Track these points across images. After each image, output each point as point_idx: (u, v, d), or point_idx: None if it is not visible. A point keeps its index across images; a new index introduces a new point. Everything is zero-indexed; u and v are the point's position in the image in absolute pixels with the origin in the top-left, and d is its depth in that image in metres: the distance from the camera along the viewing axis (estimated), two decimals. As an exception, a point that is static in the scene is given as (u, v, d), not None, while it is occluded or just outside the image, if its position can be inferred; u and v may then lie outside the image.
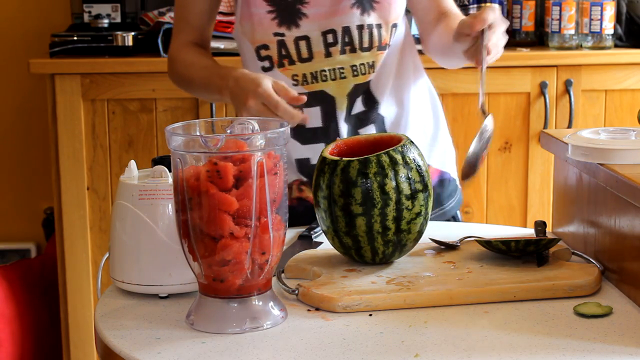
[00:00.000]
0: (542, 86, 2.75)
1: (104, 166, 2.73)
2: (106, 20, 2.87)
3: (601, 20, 2.85)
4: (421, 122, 1.86)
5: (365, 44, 1.76)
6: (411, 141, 1.41)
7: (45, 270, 2.89)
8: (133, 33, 2.77)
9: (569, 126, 2.76)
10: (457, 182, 1.92)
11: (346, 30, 1.75)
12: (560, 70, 2.76)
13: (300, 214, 1.77)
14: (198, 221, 1.20)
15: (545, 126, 2.76)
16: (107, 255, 1.41)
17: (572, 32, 2.88)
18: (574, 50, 2.86)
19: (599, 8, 2.85)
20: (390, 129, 1.82)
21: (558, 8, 2.88)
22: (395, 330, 1.21)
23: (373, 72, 1.78)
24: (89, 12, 2.90)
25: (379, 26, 1.77)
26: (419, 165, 1.38)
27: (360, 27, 1.75)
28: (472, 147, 1.54)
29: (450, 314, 1.27)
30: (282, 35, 1.75)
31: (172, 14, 2.81)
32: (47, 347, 2.86)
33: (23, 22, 3.16)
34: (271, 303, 1.25)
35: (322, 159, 1.40)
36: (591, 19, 2.85)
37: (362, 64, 1.77)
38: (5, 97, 3.19)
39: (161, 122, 2.73)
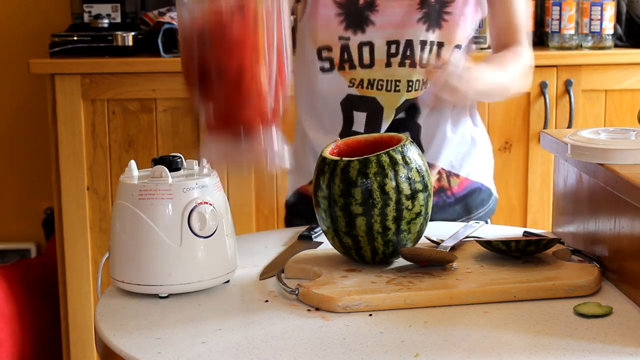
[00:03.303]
0: (542, 86, 2.75)
1: (104, 166, 2.73)
2: (106, 20, 2.87)
3: (601, 20, 2.85)
4: (459, 133, 1.83)
5: (425, 61, 1.74)
6: (411, 141, 1.41)
7: (45, 270, 2.89)
8: (133, 33, 2.77)
9: (569, 126, 2.76)
10: (493, 191, 1.91)
11: (409, 44, 1.73)
12: (560, 70, 2.76)
13: None
14: (220, 55, 1.29)
15: (545, 126, 2.76)
16: (107, 255, 1.41)
17: (572, 32, 2.88)
18: (574, 50, 2.86)
19: (599, 8, 2.85)
20: (425, 140, 1.80)
21: (558, 8, 2.88)
22: (395, 330, 1.21)
23: (425, 88, 1.76)
24: (89, 12, 2.90)
25: (440, 44, 1.74)
26: (419, 165, 1.38)
27: (423, 43, 1.73)
28: None
29: (450, 314, 1.27)
30: (347, 39, 1.74)
31: (172, 14, 2.81)
32: (47, 347, 2.86)
33: (23, 22, 3.16)
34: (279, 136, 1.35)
35: (322, 159, 1.40)
36: (591, 19, 2.85)
37: (418, 80, 1.75)
38: (5, 97, 3.19)
39: (161, 122, 2.73)
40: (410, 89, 1.75)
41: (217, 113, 1.34)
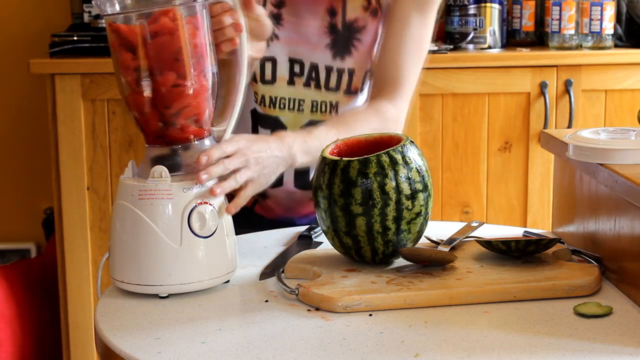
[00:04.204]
0: (542, 86, 2.75)
1: (104, 166, 2.73)
2: (106, 20, 2.86)
3: (601, 20, 2.85)
4: None
5: (332, 85, 1.71)
6: (411, 141, 1.41)
7: (45, 270, 2.89)
8: (133, 33, 2.76)
9: (569, 126, 2.76)
10: None
11: (314, 67, 1.71)
12: (560, 70, 2.76)
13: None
14: (121, 80, 1.39)
15: (545, 126, 2.76)
16: (107, 255, 1.41)
17: (572, 32, 2.88)
18: (574, 50, 2.86)
19: (599, 8, 2.85)
20: None
21: (558, 8, 2.88)
22: (395, 330, 1.21)
23: (335, 113, 1.73)
24: (89, 12, 2.90)
25: (351, 71, 1.71)
26: (419, 165, 1.38)
27: (329, 69, 1.71)
28: None
29: (450, 314, 1.27)
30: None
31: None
32: (47, 347, 2.86)
33: (23, 22, 3.16)
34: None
35: (322, 159, 1.40)
36: (591, 19, 2.85)
37: (324, 102, 1.73)
38: (5, 97, 3.19)
39: (161, 122, 2.73)
40: (315, 109, 1.73)
41: (146, 128, 1.40)
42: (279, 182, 1.74)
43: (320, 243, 1.58)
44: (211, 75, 1.39)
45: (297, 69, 1.71)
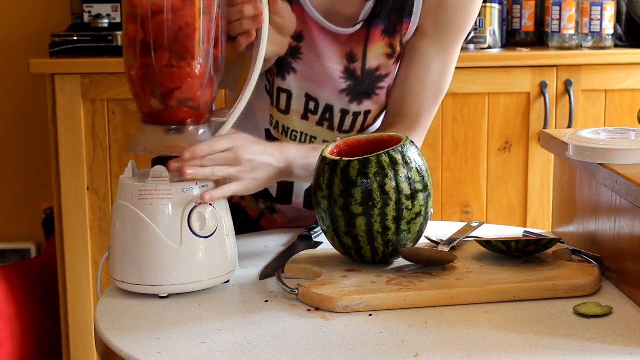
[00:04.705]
0: (542, 86, 2.75)
1: (104, 166, 2.73)
2: (106, 20, 2.87)
3: (601, 20, 2.85)
4: None
5: (346, 127, 1.68)
6: (411, 141, 1.41)
7: (45, 270, 2.89)
8: (133, 33, 2.76)
9: (569, 126, 2.77)
10: None
11: (329, 108, 1.66)
12: (560, 70, 2.76)
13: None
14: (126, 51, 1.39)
15: (545, 126, 2.76)
16: (107, 255, 1.41)
17: (572, 32, 2.88)
18: (574, 50, 2.86)
19: (599, 8, 2.85)
20: None
21: (558, 8, 2.88)
22: (395, 330, 1.21)
23: None
24: (89, 12, 2.90)
25: (367, 112, 1.67)
26: (419, 165, 1.38)
27: (345, 112, 1.66)
28: None
29: (450, 314, 1.27)
30: (268, 81, 1.67)
31: (172, 14, 2.80)
32: (47, 347, 2.86)
33: (23, 22, 3.16)
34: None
35: (322, 159, 1.40)
36: (591, 19, 2.85)
37: (335, 142, 1.70)
38: (5, 97, 3.19)
39: (161, 122, 2.72)
40: None
41: (139, 104, 1.40)
42: (287, 200, 1.74)
43: (320, 243, 1.58)
44: (212, 61, 1.38)
45: (311, 106, 1.67)
